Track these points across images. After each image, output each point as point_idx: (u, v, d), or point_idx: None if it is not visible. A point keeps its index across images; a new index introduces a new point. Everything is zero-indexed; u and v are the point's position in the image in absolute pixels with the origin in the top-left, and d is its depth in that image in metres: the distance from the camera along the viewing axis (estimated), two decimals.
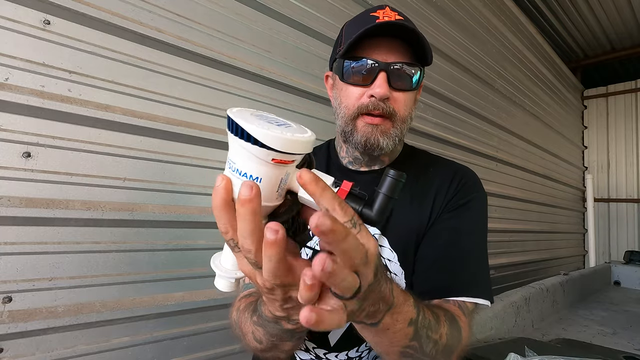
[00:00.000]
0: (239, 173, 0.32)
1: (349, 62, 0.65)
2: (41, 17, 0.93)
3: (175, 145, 1.16)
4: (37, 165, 0.92)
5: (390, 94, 0.63)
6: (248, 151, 0.31)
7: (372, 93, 0.63)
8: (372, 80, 0.63)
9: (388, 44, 0.64)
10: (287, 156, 0.31)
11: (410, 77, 0.65)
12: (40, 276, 0.92)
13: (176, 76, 1.16)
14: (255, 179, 0.32)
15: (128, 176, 1.06)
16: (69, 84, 0.96)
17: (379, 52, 0.64)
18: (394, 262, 0.69)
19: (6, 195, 0.88)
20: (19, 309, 0.89)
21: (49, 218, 0.93)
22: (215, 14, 1.25)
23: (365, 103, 0.64)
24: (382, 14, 0.64)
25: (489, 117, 2.90)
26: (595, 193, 4.60)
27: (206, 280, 1.22)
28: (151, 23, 1.10)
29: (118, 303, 1.04)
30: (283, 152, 0.31)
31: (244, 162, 0.32)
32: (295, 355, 0.73)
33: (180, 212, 1.16)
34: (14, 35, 0.89)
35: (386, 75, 0.62)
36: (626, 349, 1.03)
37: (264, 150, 0.30)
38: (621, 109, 4.95)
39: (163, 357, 1.13)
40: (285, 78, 1.44)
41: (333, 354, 0.71)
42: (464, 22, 2.56)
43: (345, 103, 0.67)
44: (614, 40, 4.50)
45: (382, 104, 0.63)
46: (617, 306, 1.60)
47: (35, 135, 0.92)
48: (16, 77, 0.89)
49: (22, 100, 0.89)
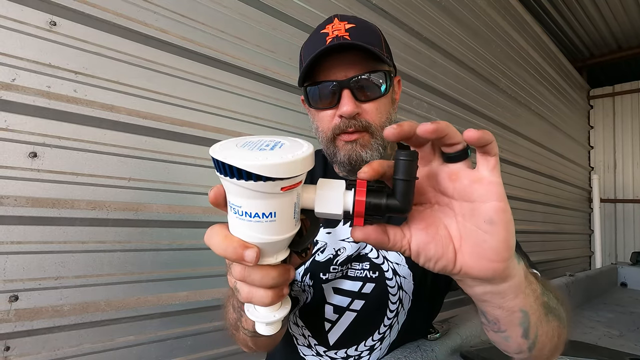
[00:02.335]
0: (250, 215, 0.29)
1: (312, 88, 0.64)
2: (47, 18, 0.93)
3: (180, 145, 1.16)
4: (43, 165, 0.93)
5: (360, 108, 0.62)
6: (252, 190, 0.27)
7: (340, 113, 0.61)
8: (338, 100, 0.61)
9: (344, 59, 0.61)
10: (295, 179, 0.28)
11: (377, 85, 0.63)
12: (46, 275, 0.93)
13: (180, 77, 1.17)
14: (269, 215, 0.29)
15: (133, 176, 1.07)
16: (75, 84, 0.97)
17: (337, 71, 0.61)
18: (402, 265, 0.69)
19: (13, 195, 0.89)
20: (25, 308, 0.90)
21: (55, 218, 0.94)
22: (220, 15, 1.25)
23: (338, 124, 0.62)
24: (331, 29, 0.62)
25: (494, 117, 2.88)
26: (602, 193, 4.56)
27: (210, 280, 1.22)
28: (156, 24, 1.11)
29: (123, 302, 1.04)
30: (290, 177, 0.27)
31: (249, 202, 0.29)
32: (299, 350, 0.74)
33: (184, 212, 1.16)
34: (21, 37, 0.90)
35: (350, 91, 0.60)
36: (633, 351, 1.02)
37: (270, 182, 0.27)
38: (628, 109, 4.90)
39: (167, 356, 1.13)
40: (290, 78, 1.44)
41: (332, 352, 0.71)
42: (468, 22, 2.54)
43: (321, 127, 0.66)
44: (621, 39, 4.45)
45: (354, 121, 0.61)
46: (624, 308, 1.58)
47: (42, 135, 0.93)
48: (23, 77, 0.90)
49: (29, 101, 0.90)
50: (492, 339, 0.46)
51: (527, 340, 0.41)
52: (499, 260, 0.33)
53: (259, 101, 1.36)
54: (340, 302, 0.70)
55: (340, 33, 0.61)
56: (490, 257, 0.32)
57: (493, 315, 0.40)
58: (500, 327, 0.41)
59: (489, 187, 0.31)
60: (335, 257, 0.69)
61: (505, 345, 0.44)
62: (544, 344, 0.43)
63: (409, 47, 2.05)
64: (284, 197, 0.29)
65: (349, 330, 0.70)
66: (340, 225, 0.71)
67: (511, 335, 0.41)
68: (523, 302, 0.38)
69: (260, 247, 0.31)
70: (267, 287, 0.33)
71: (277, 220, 0.30)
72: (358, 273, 0.70)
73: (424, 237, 0.34)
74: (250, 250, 0.30)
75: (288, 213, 0.30)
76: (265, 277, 0.32)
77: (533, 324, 0.40)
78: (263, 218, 0.29)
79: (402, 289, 0.70)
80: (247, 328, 0.53)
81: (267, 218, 0.29)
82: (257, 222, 0.29)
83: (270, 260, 0.33)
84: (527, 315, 0.39)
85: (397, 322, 0.71)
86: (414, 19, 2.07)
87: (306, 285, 0.71)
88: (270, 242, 0.31)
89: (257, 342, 0.58)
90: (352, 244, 0.70)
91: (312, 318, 0.72)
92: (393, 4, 1.93)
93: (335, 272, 0.69)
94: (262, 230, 0.30)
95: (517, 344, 0.42)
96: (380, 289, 0.70)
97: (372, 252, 0.70)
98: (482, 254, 0.32)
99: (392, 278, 0.70)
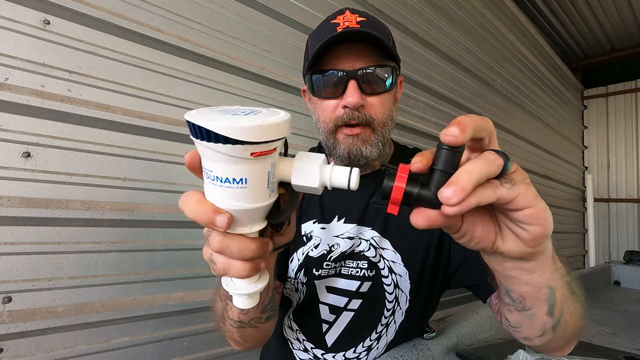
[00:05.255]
0: (220, 180, 0.29)
1: (318, 76, 0.63)
2: (41, 17, 0.92)
3: (175, 145, 1.16)
4: (37, 165, 0.92)
5: (364, 100, 0.61)
6: (221, 153, 0.27)
7: (345, 103, 0.61)
8: (343, 90, 0.61)
9: (353, 50, 0.61)
10: (266, 145, 0.27)
11: (382, 79, 0.63)
12: (40, 276, 0.92)
13: (176, 76, 1.16)
14: (240, 182, 0.29)
15: (128, 176, 1.06)
16: (69, 83, 0.96)
17: (345, 61, 0.61)
18: (397, 263, 0.69)
19: (6, 195, 0.88)
20: (19, 309, 0.89)
21: (49, 218, 0.93)
22: (216, 14, 1.25)
23: (341, 115, 0.62)
24: (342, 20, 0.62)
25: (489, 117, 2.89)
26: (595, 193, 4.60)
27: (206, 280, 1.22)
28: (151, 23, 1.10)
29: (118, 303, 1.04)
30: (260, 142, 0.27)
31: (220, 166, 0.28)
32: (294, 354, 0.74)
33: (180, 212, 1.15)
34: (14, 35, 0.89)
35: (356, 82, 0.60)
36: (626, 349, 1.03)
37: (239, 146, 0.26)
38: (621, 109, 4.94)
39: (163, 357, 1.13)
40: (286, 78, 1.44)
41: (330, 355, 0.71)
42: (464, 22, 2.55)
43: (322, 117, 0.65)
44: (614, 40, 4.50)
45: (358, 113, 0.61)
46: (617, 306, 1.60)
47: (35, 135, 0.92)
48: (16, 77, 0.89)
49: (22, 100, 0.89)
50: (514, 321, 0.45)
51: (552, 318, 0.41)
52: (536, 246, 0.33)
53: (256, 101, 1.36)
54: (336, 302, 0.70)
55: (351, 24, 0.61)
56: (528, 243, 0.33)
57: (519, 292, 0.40)
58: (525, 305, 0.41)
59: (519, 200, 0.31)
60: (329, 253, 0.69)
61: (528, 326, 0.44)
62: (567, 322, 0.43)
63: (405, 48, 2.06)
64: (255, 164, 0.29)
65: (347, 331, 0.70)
66: (335, 221, 0.71)
67: (536, 313, 0.41)
68: (550, 278, 0.38)
69: (233, 215, 0.31)
70: (245, 259, 0.33)
71: (249, 187, 0.29)
72: (353, 271, 0.70)
73: (473, 219, 0.33)
74: (221, 216, 0.30)
75: (260, 181, 0.30)
76: (243, 249, 0.32)
77: (559, 301, 0.40)
78: (233, 183, 0.29)
79: (399, 287, 0.70)
80: (232, 317, 0.53)
81: (238, 184, 0.29)
82: (228, 188, 0.29)
83: (245, 230, 0.32)
84: (554, 292, 0.39)
85: (393, 321, 0.71)
86: (409, 20, 2.07)
87: (300, 282, 0.70)
88: (242, 210, 0.31)
89: (243, 334, 0.57)
90: (347, 241, 0.70)
91: (307, 320, 0.72)
92: (389, 4, 1.93)
93: (328, 268, 0.69)
94: (233, 196, 0.30)
95: (541, 323, 0.42)
96: (376, 288, 0.70)
97: (369, 250, 0.70)
98: (521, 240, 0.33)
99: (388, 276, 0.70)
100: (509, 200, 0.30)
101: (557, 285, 0.39)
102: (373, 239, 0.70)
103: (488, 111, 2.89)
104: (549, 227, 0.32)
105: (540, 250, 0.35)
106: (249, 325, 0.55)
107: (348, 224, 0.70)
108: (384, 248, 0.70)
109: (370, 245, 0.70)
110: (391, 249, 0.70)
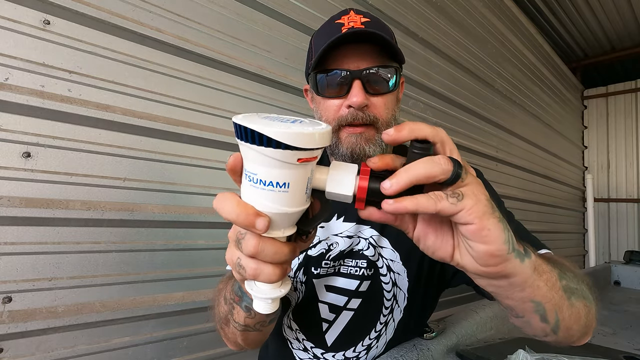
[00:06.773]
0: (264, 183, 0.30)
1: (322, 75, 0.63)
2: (41, 17, 0.92)
3: (175, 145, 1.16)
4: (37, 165, 0.92)
5: (368, 101, 0.62)
6: (270, 157, 0.28)
7: (349, 103, 0.61)
8: (347, 90, 0.61)
9: (357, 50, 0.62)
10: (311, 152, 0.29)
11: (386, 80, 0.63)
12: (40, 276, 0.92)
13: (176, 76, 1.16)
14: (283, 185, 0.30)
15: (128, 176, 1.06)
16: (69, 84, 0.96)
17: (350, 61, 0.62)
18: (396, 261, 0.70)
19: (6, 196, 0.88)
20: (19, 309, 0.89)
21: (49, 218, 0.93)
22: (215, 14, 1.25)
23: (345, 114, 0.62)
24: (346, 20, 0.62)
25: (489, 117, 2.90)
26: (595, 193, 4.60)
27: (206, 280, 1.22)
28: (151, 23, 1.10)
29: (118, 303, 1.04)
30: (309, 148, 0.29)
31: (266, 170, 0.30)
32: (294, 354, 0.73)
33: (180, 212, 1.16)
34: (14, 35, 0.89)
35: (361, 82, 0.61)
36: (626, 349, 1.03)
37: (289, 151, 0.28)
38: (621, 109, 4.94)
39: (163, 357, 1.13)
40: (286, 78, 1.44)
41: (330, 354, 0.71)
42: (464, 22, 2.55)
43: (325, 117, 0.65)
44: (614, 40, 4.50)
45: (361, 113, 0.61)
46: (617, 306, 1.60)
47: (35, 135, 0.92)
48: (16, 77, 0.89)
49: (22, 100, 0.89)
50: (515, 323, 0.46)
51: (548, 324, 0.41)
52: (488, 265, 0.33)
53: (255, 101, 1.36)
54: (336, 301, 0.70)
55: (356, 25, 0.61)
56: (478, 261, 0.33)
57: (505, 304, 0.40)
58: (517, 314, 0.41)
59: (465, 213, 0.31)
60: (328, 251, 0.69)
61: (529, 328, 0.44)
62: (569, 325, 0.43)
63: (404, 48, 2.06)
64: (299, 169, 0.30)
65: (347, 330, 0.70)
66: (334, 220, 0.71)
67: (530, 320, 0.41)
68: (532, 294, 0.37)
69: (271, 218, 0.31)
70: (278, 263, 0.33)
71: (290, 191, 0.30)
72: (352, 270, 0.70)
73: (426, 227, 0.35)
74: (261, 219, 0.30)
75: (301, 186, 0.31)
76: (278, 253, 0.33)
77: (550, 310, 0.40)
78: (277, 187, 0.30)
79: (397, 286, 0.70)
80: (237, 321, 0.53)
81: (281, 188, 0.30)
82: (271, 191, 0.30)
83: (278, 234, 0.33)
84: (541, 304, 0.39)
85: (392, 319, 0.71)
86: (410, 20, 2.07)
87: (299, 282, 0.70)
88: (281, 213, 0.32)
89: (246, 337, 0.57)
90: (345, 239, 0.70)
91: (307, 319, 0.72)
92: (389, 4, 1.93)
93: (327, 267, 0.69)
94: (275, 199, 0.31)
95: (539, 328, 0.42)
96: (375, 286, 0.70)
97: (368, 249, 0.70)
98: (472, 258, 0.34)
99: (387, 274, 0.70)
100: (450, 213, 0.30)
101: (545, 297, 0.38)
102: (372, 237, 0.70)
103: (488, 111, 2.89)
104: (495, 246, 0.32)
105: (502, 271, 0.34)
106: (254, 329, 0.55)
107: (347, 222, 0.70)
108: (383, 247, 0.70)
109: (369, 244, 0.70)
110: (390, 247, 0.70)
